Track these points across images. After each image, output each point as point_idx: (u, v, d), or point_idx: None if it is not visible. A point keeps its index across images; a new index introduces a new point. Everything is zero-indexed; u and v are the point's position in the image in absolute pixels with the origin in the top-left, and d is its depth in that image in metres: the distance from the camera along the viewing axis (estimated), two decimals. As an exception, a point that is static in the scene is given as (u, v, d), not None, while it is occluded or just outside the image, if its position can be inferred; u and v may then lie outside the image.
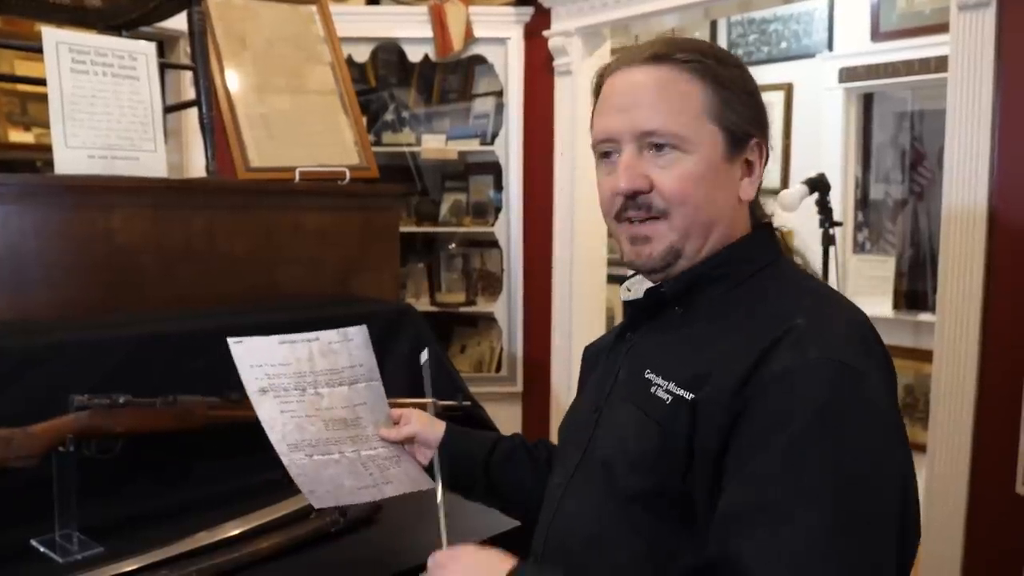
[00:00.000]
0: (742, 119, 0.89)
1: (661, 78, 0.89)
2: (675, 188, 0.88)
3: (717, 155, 0.89)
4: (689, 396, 0.83)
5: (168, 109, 2.00)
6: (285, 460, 1.10)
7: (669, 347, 0.91)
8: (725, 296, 0.91)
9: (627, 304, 1.01)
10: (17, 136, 3.07)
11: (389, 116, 3.50)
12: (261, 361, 1.12)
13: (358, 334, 1.19)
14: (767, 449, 0.76)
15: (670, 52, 0.89)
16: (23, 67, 2.79)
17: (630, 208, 0.91)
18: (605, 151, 0.94)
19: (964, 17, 2.09)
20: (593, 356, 1.13)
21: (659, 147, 0.89)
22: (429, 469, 1.15)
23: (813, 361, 0.77)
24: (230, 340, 1.11)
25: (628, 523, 0.87)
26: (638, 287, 1.02)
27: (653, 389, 0.87)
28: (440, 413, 1.79)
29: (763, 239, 0.96)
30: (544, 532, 0.98)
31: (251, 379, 1.11)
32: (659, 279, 0.95)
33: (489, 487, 1.19)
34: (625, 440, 0.88)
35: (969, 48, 2.09)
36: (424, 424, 1.19)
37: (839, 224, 2.57)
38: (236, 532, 1.28)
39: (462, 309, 3.50)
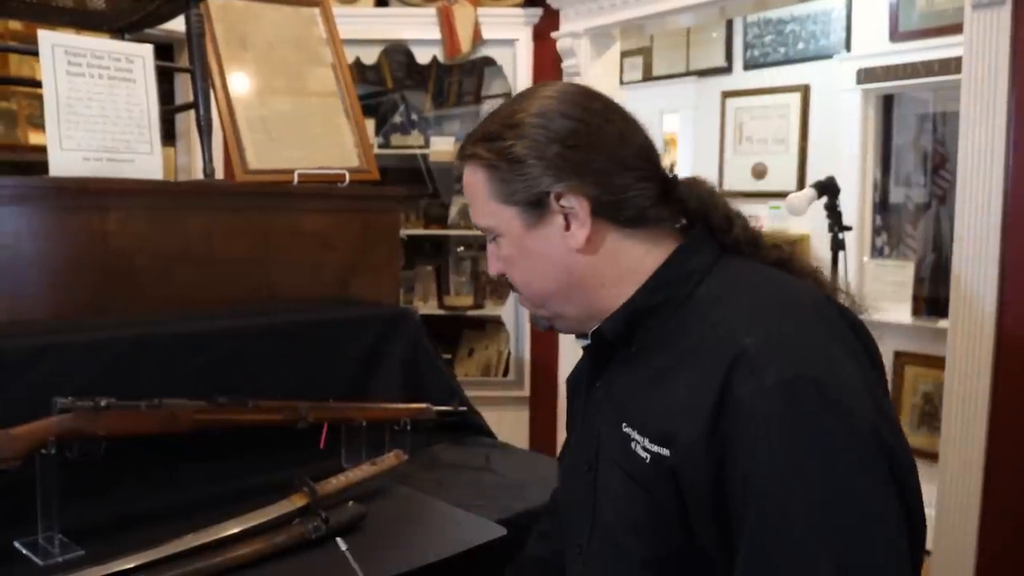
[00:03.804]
0: (526, 184, 0.88)
1: (465, 181, 0.95)
2: (504, 271, 0.95)
3: (518, 230, 0.90)
4: (665, 452, 0.79)
5: (167, 111, 2.00)
6: None
7: (634, 392, 0.87)
8: (670, 323, 0.86)
9: (585, 351, 0.99)
10: (37, 139, 3.12)
11: (398, 118, 3.49)
12: None
13: None
14: (755, 507, 0.73)
15: (463, 151, 0.94)
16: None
17: None
18: None
19: (978, 16, 2.03)
20: (574, 388, 1.08)
21: (492, 238, 0.94)
22: None
23: (772, 390, 0.73)
24: None
25: None
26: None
27: (632, 445, 0.84)
28: (435, 419, 1.79)
29: (696, 244, 0.90)
30: None
31: None
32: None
33: None
34: (619, 506, 0.86)
35: (984, 48, 2.03)
36: None
37: (848, 228, 2.51)
38: (217, 537, 1.27)
39: (470, 312, 3.49)
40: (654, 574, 0.83)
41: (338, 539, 1.12)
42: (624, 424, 0.85)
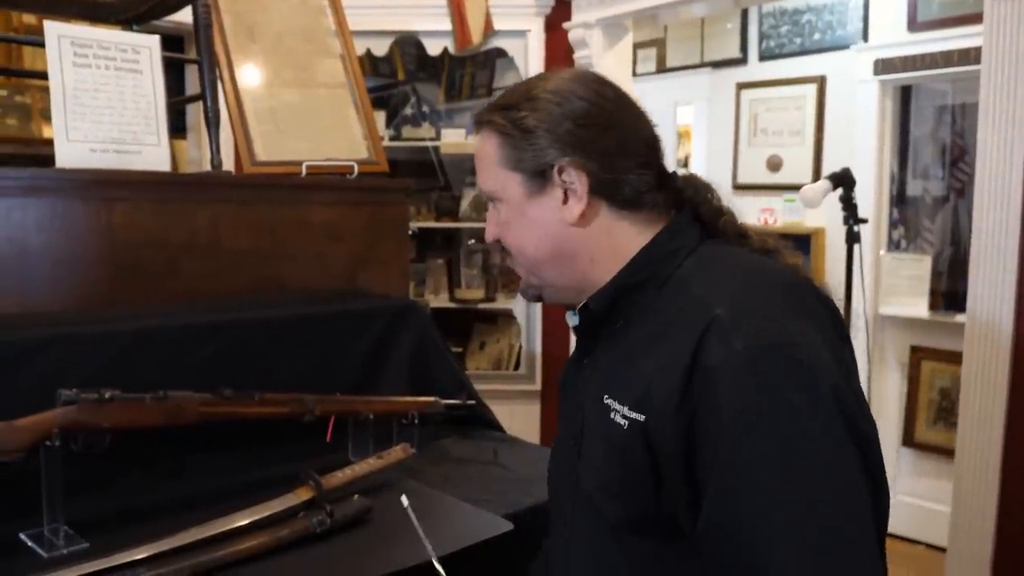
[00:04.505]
0: (535, 155, 0.92)
1: (476, 145, 0.99)
2: (499, 235, 0.99)
3: (520, 197, 0.94)
4: (641, 418, 0.83)
5: (175, 103, 1.99)
6: None
7: (616, 365, 0.92)
8: (654, 299, 0.90)
9: (575, 330, 1.02)
10: (51, 132, 3.13)
11: (409, 110, 3.48)
12: None
13: None
14: (719, 468, 0.76)
15: (480, 117, 0.98)
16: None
17: None
18: None
19: (999, 5, 1.99)
20: (563, 385, 1.12)
21: (494, 203, 0.98)
22: None
23: (741, 354, 0.77)
24: None
25: (621, 551, 0.88)
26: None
27: (612, 415, 0.88)
28: (444, 412, 1.78)
29: (680, 227, 0.94)
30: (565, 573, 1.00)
31: None
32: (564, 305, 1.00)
33: None
34: (598, 470, 0.90)
35: (1004, 38, 1.99)
36: None
37: (864, 221, 2.47)
38: (221, 530, 1.26)
39: (481, 305, 3.47)
40: (629, 537, 0.87)
41: (403, 496, 1.11)
42: (606, 396, 0.90)
